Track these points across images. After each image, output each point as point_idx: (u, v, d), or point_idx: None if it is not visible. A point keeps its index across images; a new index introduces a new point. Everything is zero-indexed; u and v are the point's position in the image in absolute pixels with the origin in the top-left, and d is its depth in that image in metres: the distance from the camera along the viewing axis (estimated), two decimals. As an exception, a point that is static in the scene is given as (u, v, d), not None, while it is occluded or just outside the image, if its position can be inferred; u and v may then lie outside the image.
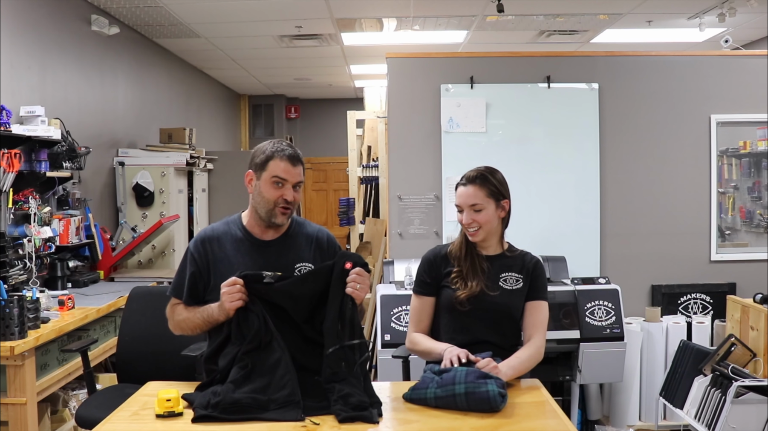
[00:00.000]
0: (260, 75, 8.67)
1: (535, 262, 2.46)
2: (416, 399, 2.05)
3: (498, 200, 2.40)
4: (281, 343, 2.05)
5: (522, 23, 5.90)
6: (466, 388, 1.97)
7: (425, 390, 2.04)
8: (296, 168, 2.23)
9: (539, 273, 2.45)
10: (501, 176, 2.45)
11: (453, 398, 1.98)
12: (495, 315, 2.36)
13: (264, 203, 2.22)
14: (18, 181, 3.62)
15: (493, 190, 2.39)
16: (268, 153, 2.22)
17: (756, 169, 4.30)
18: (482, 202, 2.37)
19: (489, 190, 2.38)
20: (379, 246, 5.52)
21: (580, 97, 4.20)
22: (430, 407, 2.01)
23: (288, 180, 2.21)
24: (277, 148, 2.24)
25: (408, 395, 2.08)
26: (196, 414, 1.92)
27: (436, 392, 2.01)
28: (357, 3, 5.32)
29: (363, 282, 2.10)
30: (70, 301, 3.53)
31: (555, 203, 4.18)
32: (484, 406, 1.95)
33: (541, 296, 2.42)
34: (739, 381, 3.16)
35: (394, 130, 4.19)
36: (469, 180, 2.40)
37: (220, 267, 2.25)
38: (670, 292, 4.25)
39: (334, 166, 10.55)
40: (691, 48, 6.67)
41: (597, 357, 3.60)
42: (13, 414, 2.92)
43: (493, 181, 2.40)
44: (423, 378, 2.13)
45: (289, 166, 2.21)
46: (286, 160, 2.21)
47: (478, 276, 2.36)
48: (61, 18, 4.56)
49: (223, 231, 2.31)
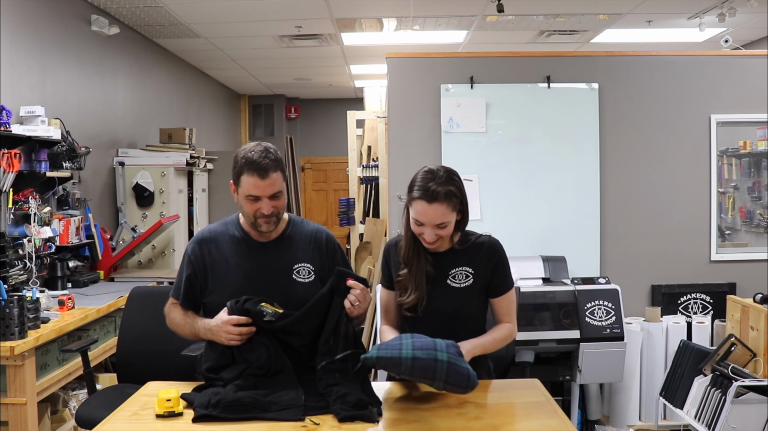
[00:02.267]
0: (260, 75, 8.67)
1: (487, 253, 2.24)
2: (386, 358, 1.87)
3: (459, 208, 2.20)
4: (288, 365, 2.07)
5: (522, 23, 5.90)
6: (449, 358, 1.87)
7: (399, 350, 1.87)
8: (267, 180, 2.10)
9: (495, 264, 2.24)
10: (459, 179, 2.21)
11: (434, 363, 1.85)
12: (446, 319, 2.24)
13: (246, 215, 2.20)
14: (18, 181, 3.62)
15: (457, 202, 2.17)
16: (239, 167, 2.13)
17: (756, 169, 4.30)
18: (448, 218, 2.15)
19: (454, 204, 2.15)
20: (379, 246, 5.52)
21: (580, 97, 4.20)
22: (402, 372, 1.85)
23: (261, 195, 2.11)
24: (247, 158, 2.11)
25: (374, 354, 1.89)
26: (196, 413, 1.92)
27: (415, 353, 1.86)
28: (357, 3, 5.32)
29: (364, 299, 2.08)
30: (70, 301, 3.53)
31: (555, 203, 4.18)
32: (462, 382, 1.88)
33: (503, 290, 2.26)
34: (739, 381, 3.16)
35: (394, 130, 4.19)
36: (435, 197, 2.12)
37: (217, 270, 2.23)
38: (670, 292, 4.25)
39: (334, 166, 10.55)
40: (691, 48, 6.67)
41: (597, 357, 3.60)
42: (13, 414, 2.92)
43: (458, 192, 2.17)
44: (385, 344, 1.95)
45: (259, 181, 2.09)
46: (255, 175, 2.09)
47: (421, 284, 2.21)
48: (61, 18, 4.56)
49: (221, 232, 2.28)
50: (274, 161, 2.12)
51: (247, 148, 2.17)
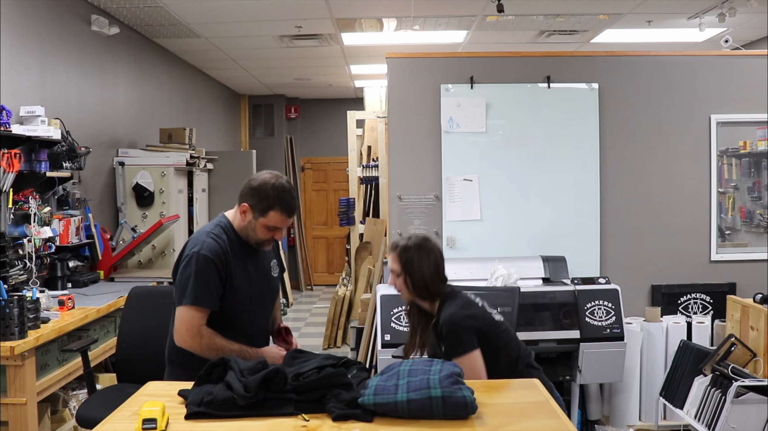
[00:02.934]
0: (260, 75, 8.66)
1: (441, 324, 2.46)
2: (383, 404, 1.90)
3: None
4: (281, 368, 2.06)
5: (522, 23, 5.90)
6: (443, 392, 1.89)
7: (394, 395, 1.91)
8: (292, 217, 2.38)
9: (441, 334, 2.45)
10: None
11: (429, 401, 1.87)
12: None
13: (254, 237, 2.38)
14: (18, 181, 3.62)
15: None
16: (271, 202, 2.32)
17: (756, 169, 4.30)
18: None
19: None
20: (379, 246, 5.52)
21: (580, 97, 4.20)
22: (401, 416, 1.88)
23: (282, 228, 2.37)
24: (281, 198, 2.32)
25: (371, 401, 1.92)
26: (189, 410, 1.92)
27: (410, 395, 1.89)
28: (357, 3, 5.32)
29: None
30: (70, 301, 3.53)
31: (555, 203, 4.18)
32: (460, 412, 1.89)
33: (449, 356, 2.39)
34: (739, 381, 3.16)
35: (394, 130, 4.19)
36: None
37: (234, 273, 2.36)
38: (670, 292, 4.25)
39: (334, 166, 10.54)
40: (691, 48, 6.66)
41: (597, 357, 3.60)
42: (13, 414, 2.92)
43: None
44: (381, 384, 1.98)
45: (287, 219, 2.35)
46: (286, 214, 2.34)
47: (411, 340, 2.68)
48: (61, 18, 4.56)
49: (227, 237, 2.39)
50: (296, 200, 2.40)
51: (278, 185, 2.34)
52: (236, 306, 2.39)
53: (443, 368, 2.00)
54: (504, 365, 2.46)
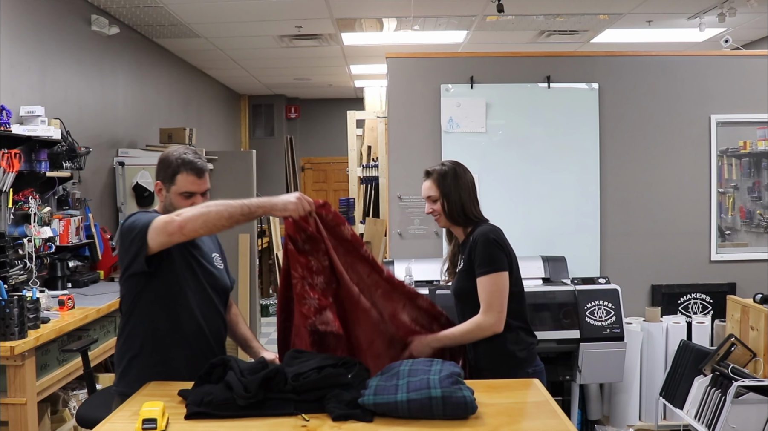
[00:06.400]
0: (260, 75, 8.67)
1: (475, 239, 2.48)
2: (383, 404, 1.91)
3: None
4: (281, 369, 2.05)
5: (522, 23, 5.90)
6: (443, 392, 1.89)
7: (395, 395, 1.92)
8: (203, 178, 2.30)
9: (474, 248, 2.46)
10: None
11: (429, 401, 1.88)
12: (455, 300, 2.57)
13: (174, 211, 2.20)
14: (18, 181, 3.62)
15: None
16: (175, 166, 2.27)
17: (756, 169, 4.30)
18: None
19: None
20: (379, 246, 5.53)
21: (580, 97, 4.20)
22: (401, 415, 1.89)
23: (197, 191, 2.29)
24: (183, 159, 2.27)
25: (371, 400, 1.92)
26: (189, 410, 1.92)
27: (410, 395, 1.90)
28: (357, 3, 5.32)
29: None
30: (70, 301, 3.53)
31: (555, 203, 4.18)
32: (460, 412, 1.89)
33: (478, 273, 2.42)
34: (739, 381, 3.16)
35: (394, 130, 4.19)
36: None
37: (171, 251, 2.22)
38: (670, 292, 4.25)
39: (334, 166, 10.55)
40: (691, 48, 6.67)
41: (597, 357, 3.60)
42: (13, 414, 2.92)
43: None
44: (382, 384, 1.99)
45: (196, 179, 2.28)
46: (193, 174, 2.27)
47: (448, 266, 2.67)
48: (61, 18, 4.56)
49: None
50: (205, 162, 2.33)
51: (179, 150, 2.32)
52: (181, 291, 2.25)
53: (443, 368, 2.00)
54: (511, 308, 2.46)
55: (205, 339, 2.32)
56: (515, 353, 2.45)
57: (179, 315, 2.27)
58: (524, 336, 2.50)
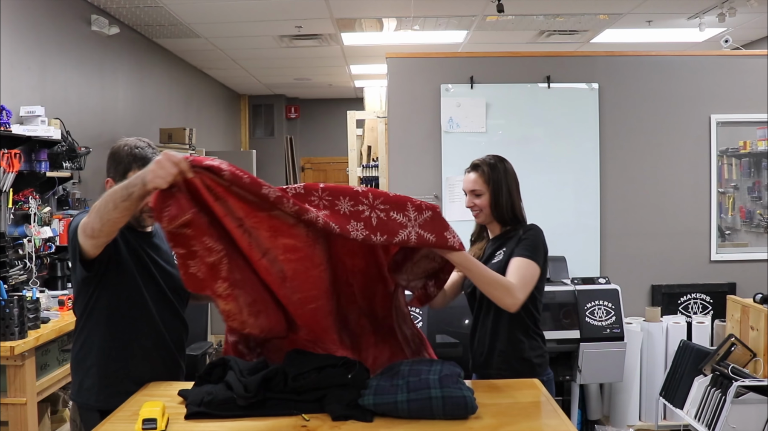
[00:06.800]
0: (260, 75, 8.67)
1: (526, 229, 2.47)
2: (383, 404, 1.90)
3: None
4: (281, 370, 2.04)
5: (522, 23, 5.90)
6: (443, 392, 1.89)
7: (395, 395, 1.91)
8: None
9: (524, 236, 2.43)
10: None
11: (429, 401, 1.87)
12: (470, 299, 2.51)
13: None
14: (18, 181, 3.62)
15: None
16: (126, 163, 2.10)
17: (756, 169, 4.30)
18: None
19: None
20: (379, 246, 5.51)
21: (580, 97, 4.20)
22: (401, 416, 1.88)
23: None
24: (135, 155, 2.10)
25: (370, 400, 1.91)
26: (189, 410, 1.92)
27: (410, 396, 1.90)
28: (357, 3, 5.32)
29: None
30: (70, 301, 3.53)
31: (555, 203, 4.18)
32: (460, 412, 1.89)
33: (518, 253, 2.36)
34: (739, 381, 3.16)
35: (394, 130, 4.20)
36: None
37: (121, 250, 2.11)
38: (670, 292, 4.25)
39: (334, 166, 10.55)
40: (691, 48, 6.67)
41: (597, 357, 3.60)
42: (13, 414, 2.92)
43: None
44: (381, 384, 1.98)
45: None
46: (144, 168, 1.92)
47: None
48: (61, 18, 4.56)
49: None
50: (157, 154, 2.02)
51: (130, 143, 2.14)
52: (138, 295, 2.13)
53: (443, 368, 2.00)
54: (534, 315, 2.44)
55: (164, 343, 2.21)
56: (532, 359, 2.43)
57: (136, 321, 2.15)
58: (541, 343, 2.50)
